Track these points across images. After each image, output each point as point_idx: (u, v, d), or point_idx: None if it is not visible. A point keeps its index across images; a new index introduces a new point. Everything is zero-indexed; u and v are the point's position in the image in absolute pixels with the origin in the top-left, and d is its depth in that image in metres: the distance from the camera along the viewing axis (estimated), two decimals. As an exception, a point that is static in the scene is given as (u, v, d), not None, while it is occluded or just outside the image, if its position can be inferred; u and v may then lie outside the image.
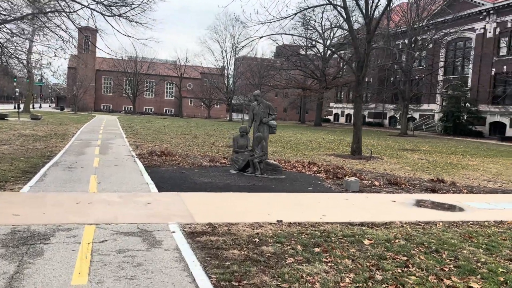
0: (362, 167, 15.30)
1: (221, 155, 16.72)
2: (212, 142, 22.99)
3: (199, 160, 14.86)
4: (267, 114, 12.28)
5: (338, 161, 16.58)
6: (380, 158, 18.66)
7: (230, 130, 37.26)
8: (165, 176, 11.19)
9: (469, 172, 15.35)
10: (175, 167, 12.86)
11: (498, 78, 47.97)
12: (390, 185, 11.37)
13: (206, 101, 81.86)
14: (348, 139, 30.63)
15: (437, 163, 17.78)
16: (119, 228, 6.32)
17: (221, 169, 12.93)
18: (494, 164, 18.56)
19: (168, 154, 15.41)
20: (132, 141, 21.45)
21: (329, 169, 13.53)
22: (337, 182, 11.43)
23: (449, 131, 47.86)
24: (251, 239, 6.06)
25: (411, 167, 15.93)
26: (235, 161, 12.28)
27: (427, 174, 14.33)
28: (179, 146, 19.88)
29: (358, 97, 18.49)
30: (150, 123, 41.77)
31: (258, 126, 12.30)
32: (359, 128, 18.56)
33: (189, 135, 27.96)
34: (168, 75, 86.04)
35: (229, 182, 10.69)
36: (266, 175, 11.84)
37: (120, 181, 10.19)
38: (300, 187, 10.51)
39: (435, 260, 5.57)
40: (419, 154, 21.94)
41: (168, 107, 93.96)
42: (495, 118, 47.25)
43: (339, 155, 19.00)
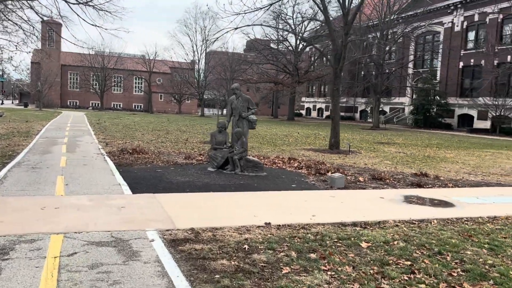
0: (342, 162, 14.93)
1: (197, 151, 16.03)
2: (186, 138, 22.23)
3: (173, 157, 14.14)
4: (247, 108, 11.69)
5: (317, 156, 16.17)
6: (358, 152, 18.38)
7: (203, 125, 36.48)
8: (138, 175, 10.46)
9: (449, 165, 15.21)
10: (149, 166, 12.12)
11: (466, 71, 48.88)
12: (374, 180, 10.99)
13: (176, 96, 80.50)
14: (323, 133, 30.41)
15: (415, 157, 17.62)
16: (91, 237, 5.62)
17: (198, 166, 12.28)
18: (470, 156, 18.57)
19: (140, 152, 14.62)
20: (101, 138, 20.46)
21: (310, 164, 13.07)
22: (321, 179, 10.97)
23: (420, 123, 48.49)
24: (239, 246, 5.48)
25: (390, 161, 15.68)
26: (213, 158, 11.66)
27: (408, 168, 14.08)
28: (151, 143, 19.05)
29: (335, 90, 18.12)
30: (119, 119, 40.47)
31: (237, 121, 11.70)
32: (337, 123, 18.21)
33: (161, 131, 27.06)
34: (137, 69, 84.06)
35: (208, 181, 10.06)
36: (247, 172, 11.26)
37: (90, 182, 9.41)
38: (284, 185, 9.99)
39: (440, 264, 5.14)
40: (395, 147, 21.83)
41: (137, 103, 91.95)
42: (463, 110, 48.13)
43: (317, 149, 18.61)
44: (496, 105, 40.09)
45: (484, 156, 18.87)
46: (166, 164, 12.51)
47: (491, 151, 21.86)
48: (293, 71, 56.63)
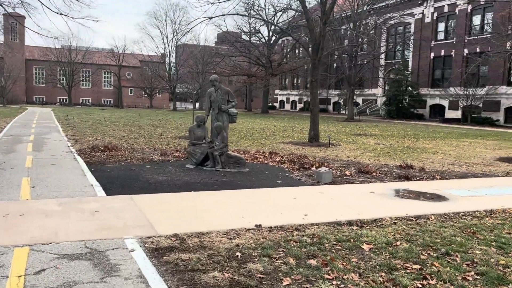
0: (324, 155, 14.52)
1: (173, 147, 15.33)
2: (160, 133, 21.42)
3: (148, 154, 13.41)
4: (226, 101, 11.08)
5: (298, 150, 15.72)
6: (338, 144, 18.04)
7: (176, 119, 35.58)
8: (112, 175, 9.73)
9: (431, 156, 15.02)
10: (123, 164, 11.38)
11: (437, 62, 49.46)
12: (361, 174, 10.60)
13: (147, 90, 78.81)
14: (300, 126, 30.07)
15: (395, 148, 17.41)
16: (62, 248, 4.95)
17: (175, 163, 11.61)
18: (449, 146, 18.51)
19: (112, 149, 13.81)
20: (70, 135, 19.45)
21: (293, 159, 12.59)
22: (306, 173, 10.50)
23: (393, 114, 48.86)
24: (231, 254, 4.93)
25: (372, 153, 15.38)
26: (192, 154, 11.01)
27: (391, 159, 13.79)
28: (124, 139, 18.19)
29: (314, 81, 17.68)
30: (89, 115, 39.09)
31: (216, 114, 11.08)
32: (316, 115, 17.80)
33: (133, 126, 26.11)
34: (106, 63, 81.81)
35: (188, 179, 9.44)
36: (228, 168, 10.69)
37: (59, 183, 8.64)
38: (268, 181, 9.47)
39: (452, 266, 4.72)
40: (373, 138, 21.64)
41: (106, 98, 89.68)
42: (435, 100, 48.73)
43: (297, 143, 18.18)
44: (467, 95, 40.66)
45: (463, 146, 18.86)
46: (141, 162, 11.79)
47: (467, 140, 21.95)
48: (267, 63, 56.10)
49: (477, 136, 24.91)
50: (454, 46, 46.30)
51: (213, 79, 11.00)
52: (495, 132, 29.04)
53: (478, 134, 26.60)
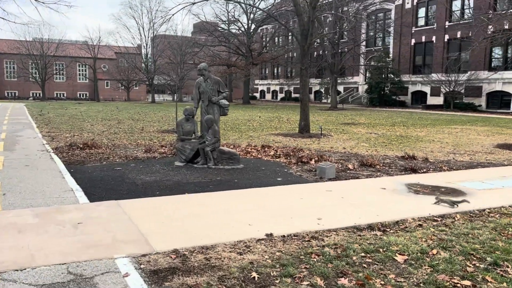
0: (318, 146, 13.80)
1: (157, 143, 14.37)
2: (141, 127, 20.35)
3: (132, 151, 12.44)
4: (217, 91, 10.19)
5: (290, 142, 14.96)
6: (329, 135, 17.35)
7: (156, 112, 34.38)
8: (94, 176, 8.77)
9: (428, 145, 14.46)
10: (105, 163, 10.41)
11: (418, 48, 49.25)
12: (364, 167, 9.89)
13: (124, 82, 76.84)
14: (285, 116, 29.33)
15: (388, 137, 16.81)
16: (39, 276, 4.06)
17: (162, 161, 10.69)
18: (442, 134, 18.03)
19: (92, 146, 12.78)
20: (45, 131, 18.23)
21: (288, 152, 11.82)
22: (305, 168, 9.74)
23: (375, 102, 48.59)
24: (246, 275, 4.12)
25: (367, 143, 14.73)
26: (181, 151, 10.11)
27: (389, 150, 13.16)
28: (103, 134, 17.11)
29: (304, 69, 16.89)
30: (64, 110, 37.50)
31: (206, 107, 10.18)
32: (307, 104, 17.04)
33: (112, 120, 24.91)
34: (80, 56, 79.26)
35: (179, 179, 8.56)
36: (221, 165, 9.84)
37: (35, 189, 7.66)
38: (268, 179, 8.67)
39: (507, 281, 4.02)
40: (362, 128, 21.04)
41: (82, 91, 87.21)
42: (416, 87, 48.60)
43: (287, 134, 17.41)
44: (449, 81, 40.54)
45: (456, 133, 18.41)
46: (124, 160, 10.84)
47: (457, 127, 21.56)
48: (247, 52, 55.10)
49: (465, 122, 24.60)
50: (435, 32, 46.13)
51: (202, 68, 10.08)
52: (481, 118, 28.86)
53: (466, 120, 26.33)
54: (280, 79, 72.01)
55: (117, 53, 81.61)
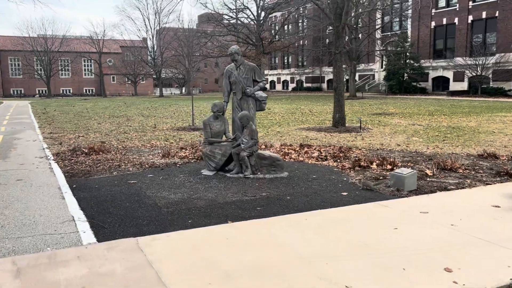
0: (364, 143, 11.71)
1: (174, 144, 12.37)
2: (153, 125, 18.36)
3: (147, 155, 10.44)
4: (251, 81, 8.13)
5: (327, 138, 12.88)
6: (367, 128, 15.22)
7: (166, 107, 32.39)
8: (102, 195, 6.78)
9: (493, 138, 12.29)
10: (115, 173, 8.42)
11: (438, 31, 46.65)
12: (445, 172, 7.79)
13: (130, 76, 74.97)
14: (305, 108, 27.21)
15: (437, 129, 14.66)
16: None
17: (186, 169, 8.67)
18: (496, 124, 15.84)
19: (100, 150, 10.80)
20: (47, 132, 16.29)
21: (334, 152, 9.75)
22: (368, 176, 7.67)
23: (394, 89, 46.16)
24: None
25: (419, 138, 12.61)
26: (209, 157, 8.08)
27: (452, 146, 11.03)
28: (112, 134, 15.14)
29: (338, 54, 14.75)
30: (70, 106, 35.64)
31: (239, 100, 8.13)
32: (342, 94, 14.92)
33: (120, 117, 22.95)
34: (85, 51, 77.38)
35: (213, 197, 6.53)
36: (261, 174, 7.80)
37: (23, 218, 5.67)
38: (328, 193, 6.61)
39: None
40: (399, 118, 18.87)
41: (88, 87, 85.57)
42: (438, 73, 46.12)
43: (320, 129, 15.30)
44: (476, 65, 38.05)
45: (510, 122, 16.18)
46: (139, 168, 8.84)
47: (506, 115, 19.30)
48: (257, 41, 52.82)
49: (509, 109, 22.30)
50: (457, 13, 43.51)
51: (234, 52, 7.98)
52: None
53: (507, 107, 24.00)
54: (291, 68, 69.67)
55: (123, 47, 79.69)
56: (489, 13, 40.01)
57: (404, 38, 47.18)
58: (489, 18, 40.16)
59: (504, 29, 38.31)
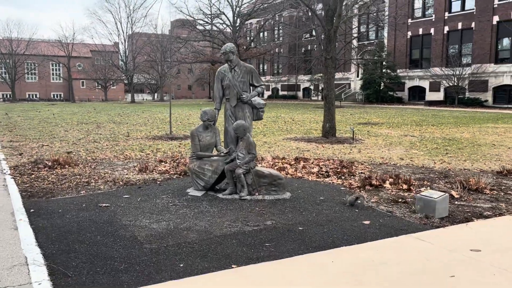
0: (361, 156, 10.67)
1: (151, 155, 11.03)
2: (126, 133, 16.90)
3: (120, 169, 9.09)
4: (248, 85, 6.95)
5: (319, 149, 11.81)
6: (360, 139, 14.25)
7: (139, 113, 30.80)
8: (66, 224, 5.43)
9: (497, 151, 11.48)
10: (84, 192, 7.07)
11: (414, 41, 46.69)
12: (472, 193, 6.77)
13: (101, 81, 72.55)
14: (286, 116, 26.20)
15: (434, 141, 13.82)
16: None
17: (168, 187, 7.38)
18: (491, 135, 15.15)
19: (65, 163, 9.37)
20: (7, 140, 14.64)
21: (337, 168, 8.66)
22: (384, 197, 6.59)
23: (371, 99, 45.83)
24: None
25: (419, 151, 11.69)
26: (198, 174, 6.82)
27: (459, 160, 10.12)
28: (80, 143, 13.66)
29: (329, 59, 13.79)
30: (35, 112, 33.55)
31: (234, 108, 6.93)
32: (332, 102, 13.93)
33: (90, 124, 21.34)
34: (53, 54, 74.49)
35: (206, 226, 5.28)
36: (260, 194, 6.60)
37: (-42, 259, 4.29)
38: (345, 221, 5.46)
39: None
40: (387, 128, 18.05)
41: (56, 91, 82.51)
42: (414, 82, 46.13)
43: (309, 139, 14.23)
44: (454, 75, 38.05)
45: (504, 133, 15.54)
46: (112, 186, 7.50)
47: (494, 126, 18.75)
48: (233, 48, 51.69)
49: (495, 120, 21.87)
50: (433, 24, 43.65)
51: (228, 50, 6.76)
52: (502, 115, 26.22)
53: (490, 118, 23.63)
54: (266, 76, 68.86)
55: (93, 51, 77.24)
56: (465, 24, 40.24)
57: (381, 47, 47.05)
58: (465, 29, 40.37)
59: (480, 40, 38.51)
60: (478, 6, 38.72)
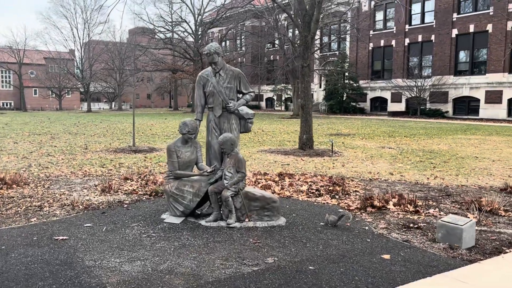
0: (348, 171, 9.87)
1: (114, 170, 9.79)
2: (84, 145, 15.44)
3: (79, 189, 7.84)
4: (235, 92, 5.97)
5: (298, 163, 10.94)
6: (339, 152, 13.50)
7: (96, 123, 29.05)
8: (11, 269, 4.22)
9: (483, 164, 10.99)
10: (34, 220, 5.83)
11: (376, 53, 47.20)
12: (489, 216, 6.03)
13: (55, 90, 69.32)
14: (255, 126, 25.28)
15: (412, 153, 13.28)
16: None
17: (137, 212, 6.24)
18: (468, 148, 14.81)
19: (13, 182, 8.01)
20: None
21: (328, 185, 7.78)
22: (393, 222, 5.75)
23: (335, 109, 45.79)
24: None
25: (404, 164, 11.04)
26: (176, 197, 5.74)
27: (450, 175, 9.51)
28: (32, 157, 12.18)
29: (306, 67, 12.99)
30: (-19, 121, 31.02)
31: (218, 118, 5.92)
32: (310, 112, 13.13)
33: (43, 135, 19.62)
34: (3, 61, 70.57)
35: (193, 267, 4.21)
36: (251, 221, 5.60)
37: None
38: (360, 255, 4.54)
39: None
40: (360, 140, 17.48)
41: (6, 100, 78.18)
42: (376, 93, 46.48)
43: (285, 151, 13.34)
44: (416, 86, 38.53)
45: (479, 145, 15.26)
46: (70, 211, 6.29)
47: (467, 137, 18.59)
48: (195, 56, 50.54)
49: (463, 131, 21.86)
50: (395, 36, 44.26)
51: (213, 51, 5.73)
52: (466, 126, 26.43)
53: (457, 129, 23.66)
54: (228, 85, 67.83)
55: (47, 58, 73.86)
56: (425, 37, 40.95)
57: (343, 58, 47.29)
58: (425, 41, 41.08)
59: (440, 52, 39.25)
60: (437, 20, 39.51)
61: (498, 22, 34.87)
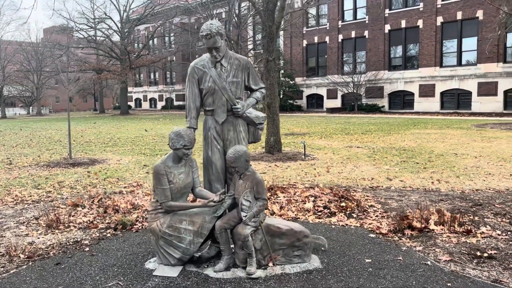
0: (336, 178, 8.61)
1: (55, 194, 7.74)
2: (7, 159, 12.88)
3: (14, 226, 5.82)
4: (242, 89, 4.39)
5: (274, 170, 9.52)
6: (311, 155, 12.25)
7: (16, 131, 25.63)
8: None
9: (468, 162, 10.26)
10: (-47, 287, 3.86)
11: (310, 50, 47.06)
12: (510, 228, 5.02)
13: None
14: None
15: (385, 152, 12.38)
16: None
17: (107, 259, 4.47)
18: (434, 143, 14.25)
19: None
20: None
21: (335, 200, 6.42)
22: (451, 249, 4.51)
23: (272, 107, 45.01)
24: None
25: (388, 165, 10.02)
26: (170, 239, 4.05)
27: (447, 176, 8.58)
28: None
29: (271, 62, 11.60)
30: None
31: (220, 126, 4.31)
32: (277, 112, 11.79)
33: (-49, 148, 16.47)
34: None
35: None
36: (277, 265, 4.07)
37: None
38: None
39: None
40: (318, 139, 16.45)
41: None
42: (312, 90, 46.35)
43: (253, 156, 11.83)
44: (352, 82, 38.71)
45: (447, 140, 14.80)
46: (6, 265, 4.37)
47: (421, 132, 18.23)
48: (122, 55, 47.37)
49: (413, 125, 21.68)
50: (328, 32, 44.32)
51: (215, 32, 4.06)
52: (410, 120, 26.55)
53: (406, 123, 23.54)
54: (159, 85, 64.94)
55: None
56: (358, 33, 41.32)
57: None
58: (358, 37, 41.45)
59: (374, 48, 39.74)
60: (370, 16, 39.95)
61: (428, 18, 35.86)
